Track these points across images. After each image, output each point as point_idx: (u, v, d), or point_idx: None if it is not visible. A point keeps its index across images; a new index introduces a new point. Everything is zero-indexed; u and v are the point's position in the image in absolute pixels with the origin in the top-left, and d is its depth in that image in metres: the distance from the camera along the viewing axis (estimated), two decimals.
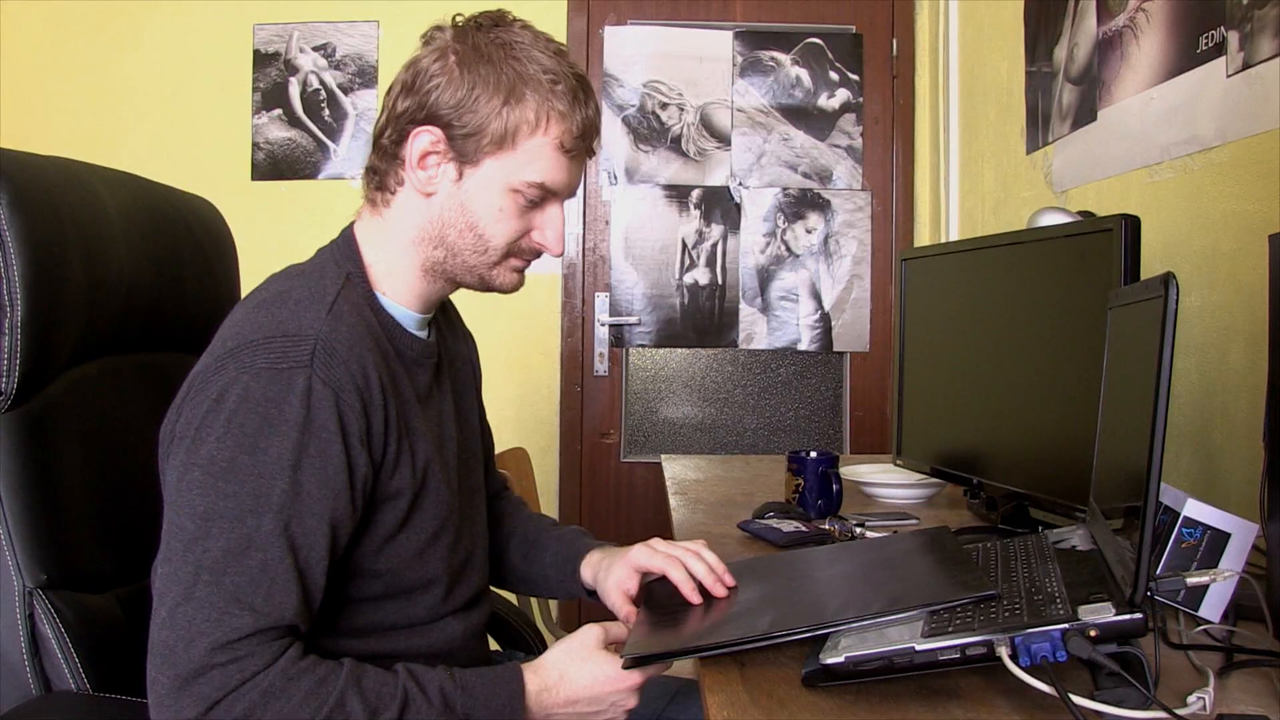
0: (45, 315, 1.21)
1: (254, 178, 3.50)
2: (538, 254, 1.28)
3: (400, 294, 1.25)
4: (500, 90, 1.17)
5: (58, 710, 1.16)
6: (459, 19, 1.22)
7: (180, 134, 3.49)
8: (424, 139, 1.19)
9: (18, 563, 1.17)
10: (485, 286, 1.28)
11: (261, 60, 3.50)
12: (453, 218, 1.21)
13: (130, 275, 1.37)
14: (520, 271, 1.29)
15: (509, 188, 1.20)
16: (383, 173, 1.24)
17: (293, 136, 3.50)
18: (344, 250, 1.24)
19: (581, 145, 1.23)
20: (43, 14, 3.47)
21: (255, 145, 3.50)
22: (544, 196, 1.23)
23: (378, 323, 1.21)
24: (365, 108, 3.49)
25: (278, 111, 3.50)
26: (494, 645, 1.60)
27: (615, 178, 3.49)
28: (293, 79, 3.50)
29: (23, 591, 1.17)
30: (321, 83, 3.50)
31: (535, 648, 1.69)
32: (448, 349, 1.38)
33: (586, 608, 3.46)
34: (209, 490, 1.02)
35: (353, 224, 1.28)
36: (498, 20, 1.22)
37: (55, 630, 1.16)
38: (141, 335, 1.42)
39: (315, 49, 3.49)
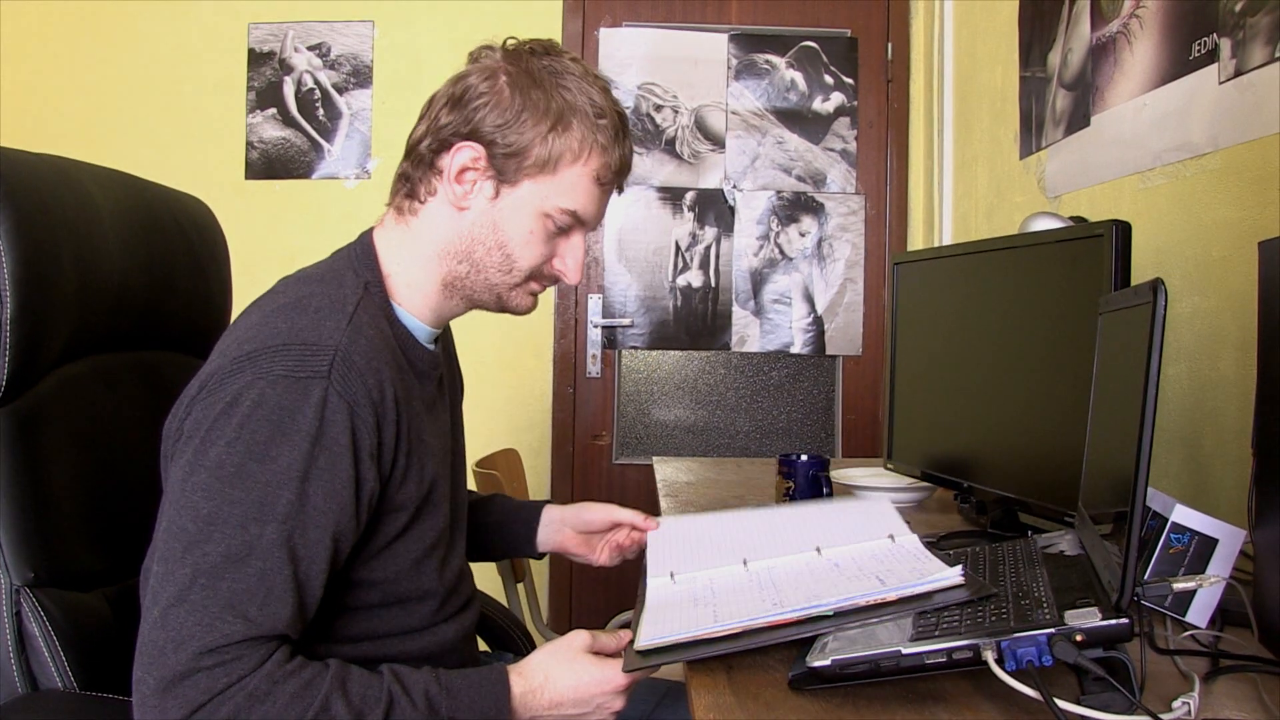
0: (35, 313, 1.20)
1: (248, 177, 3.50)
2: (555, 280, 1.31)
3: (416, 307, 1.25)
4: (548, 116, 1.19)
5: (44, 709, 1.15)
6: (510, 42, 1.24)
7: (174, 132, 3.49)
8: (465, 153, 1.20)
9: (5, 560, 1.16)
10: (500, 307, 1.30)
11: (256, 59, 3.50)
12: (483, 235, 1.23)
13: (121, 274, 1.37)
14: (535, 295, 1.31)
15: (542, 212, 1.22)
16: (415, 180, 1.24)
17: (287, 136, 3.50)
18: (363, 258, 1.24)
19: (615, 180, 1.27)
20: (38, 12, 3.46)
21: (249, 144, 3.50)
22: (572, 225, 1.25)
23: (393, 334, 1.20)
24: (360, 108, 3.49)
25: (272, 111, 3.49)
26: (483, 646, 1.60)
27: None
28: (287, 78, 3.49)
29: (10, 589, 1.16)
30: (316, 82, 3.49)
31: (524, 649, 1.69)
32: (447, 361, 1.39)
33: (578, 609, 3.46)
34: (214, 494, 1.01)
35: (372, 230, 1.28)
36: (549, 49, 1.24)
37: (42, 628, 1.16)
38: (132, 334, 1.42)
39: (310, 48, 3.49)
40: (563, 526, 1.56)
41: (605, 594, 3.48)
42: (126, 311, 1.39)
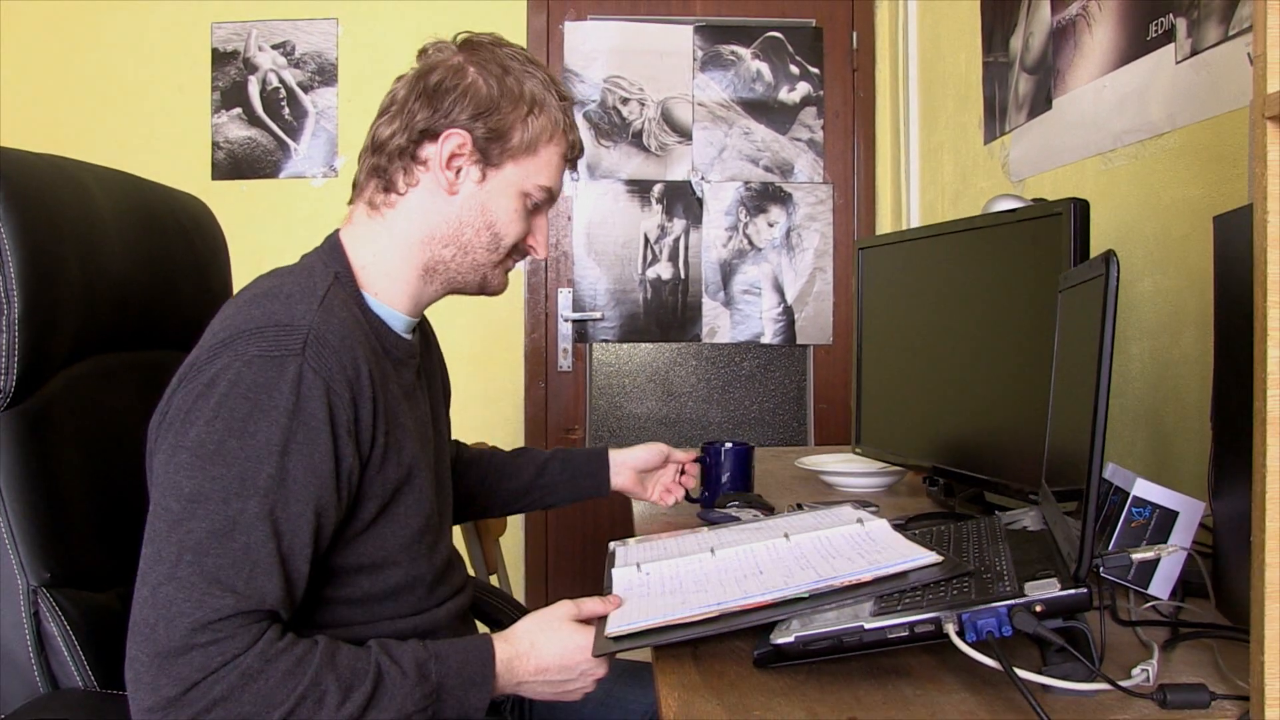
0: (42, 313, 1.20)
1: (214, 177, 3.47)
2: (525, 256, 1.37)
3: (391, 295, 1.28)
4: (524, 100, 1.26)
5: (65, 708, 1.15)
6: (460, 37, 1.30)
7: (139, 133, 3.46)
8: (454, 141, 1.24)
9: (21, 561, 1.16)
10: (481, 288, 1.35)
11: (220, 59, 3.47)
12: (471, 217, 1.28)
13: (125, 273, 1.37)
14: (508, 273, 1.38)
15: (523, 190, 1.29)
16: (391, 173, 1.27)
17: (253, 135, 3.48)
18: (330, 254, 1.27)
19: (576, 158, 1.36)
20: None
21: (215, 145, 3.47)
22: (544, 201, 1.32)
23: (365, 321, 1.23)
24: (325, 106, 3.47)
25: (237, 110, 3.47)
26: (482, 629, 1.60)
27: (577, 173, 3.49)
28: (252, 78, 3.47)
29: (27, 589, 1.16)
30: (281, 81, 3.47)
31: None
32: (428, 356, 1.42)
33: (554, 599, 3.45)
34: (196, 472, 1.02)
35: (338, 231, 1.31)
36: (498, 41, 1.30)
37: (60, 628, 1.16)
38: (136, 333, 1.42)
39: (274, 47, 3.47)
40: (623, 468, 1.73)
41: (581, 585, 3.48)
42: (130, 311, 1.40)
